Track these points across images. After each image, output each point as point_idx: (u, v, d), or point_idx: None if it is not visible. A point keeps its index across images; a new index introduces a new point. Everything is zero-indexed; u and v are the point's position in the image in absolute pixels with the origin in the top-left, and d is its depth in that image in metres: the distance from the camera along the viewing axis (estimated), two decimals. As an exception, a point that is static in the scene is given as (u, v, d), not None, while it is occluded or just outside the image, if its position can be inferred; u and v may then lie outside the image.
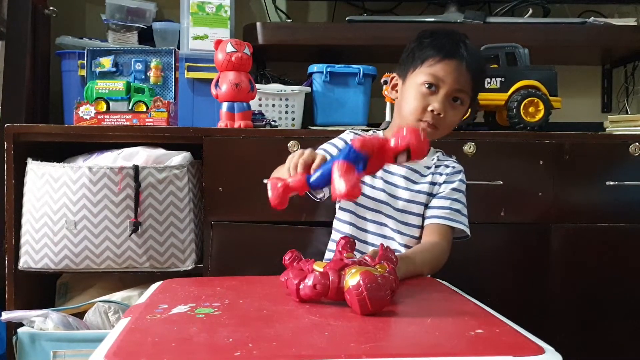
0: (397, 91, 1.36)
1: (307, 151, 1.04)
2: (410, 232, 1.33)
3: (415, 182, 1.35)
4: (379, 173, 1.34)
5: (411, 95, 1.29)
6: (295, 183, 0.98)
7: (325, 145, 1.36)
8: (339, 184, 0.89)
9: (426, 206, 1.34)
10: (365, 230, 1.34)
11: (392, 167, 1.34)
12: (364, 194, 1.34)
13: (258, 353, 0.72)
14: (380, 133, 1.42)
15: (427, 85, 1.27)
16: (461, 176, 1.36)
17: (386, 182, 1.35)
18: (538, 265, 1.65)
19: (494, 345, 0.76)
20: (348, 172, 0.90)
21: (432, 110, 1.26)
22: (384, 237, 1.32)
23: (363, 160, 0.92)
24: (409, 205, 1.33)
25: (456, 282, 1.15)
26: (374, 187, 1.34)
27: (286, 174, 1.04)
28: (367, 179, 1.34)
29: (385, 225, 1.33)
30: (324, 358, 0.71)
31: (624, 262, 1.67)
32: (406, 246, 1.32)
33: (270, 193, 0.98)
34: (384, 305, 0.89)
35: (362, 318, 0.86)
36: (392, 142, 0.91)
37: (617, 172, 1.66)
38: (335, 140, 1.37)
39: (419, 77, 1.28)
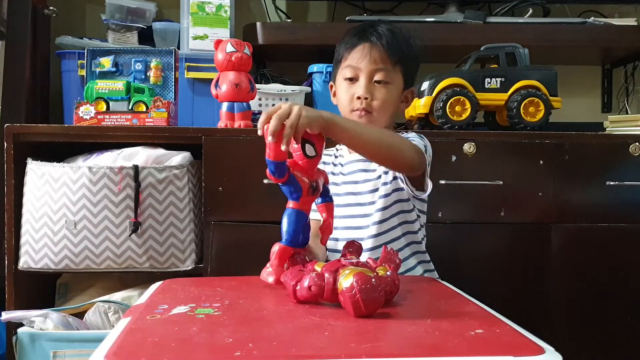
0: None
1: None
2: (376, 218, 1.31)
3: (374, 170, 1.34)
4: (340, 178, 1.36)
5: (340, 91, 1.35)
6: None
7: None
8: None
9: (388, 183, 1.32)
10: (337, 240, 1.32)
11: (348, 166, 1.36)
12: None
13: (258, 353, 0.72)
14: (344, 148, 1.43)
15: (348, 78, 1.32)
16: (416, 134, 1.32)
17: (347, 183, 1.35)
18: (538, 265, 1.65)
19: (494, 345, 0.76)
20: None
21: (358, 97, 1.30)
22: (361, 239, 1.30)
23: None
24: (373, 195, 1.32)
25: (456, 282, 1.15)
26: (337, 195, 1.33)
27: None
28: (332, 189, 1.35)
29: (360, 227, 1.32)
30: (324, 358, 0.71)
31: (624, 262, 1.67)
32: (386, 231, 1.31)
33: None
34: (378, 307, 0.87)
35: (362, 318, 0.86)
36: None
37: (617, 172, 1.66)
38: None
39: (341, 74, 1.35)
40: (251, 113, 1.70)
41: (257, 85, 1.79)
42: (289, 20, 2.24)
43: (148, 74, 1.83)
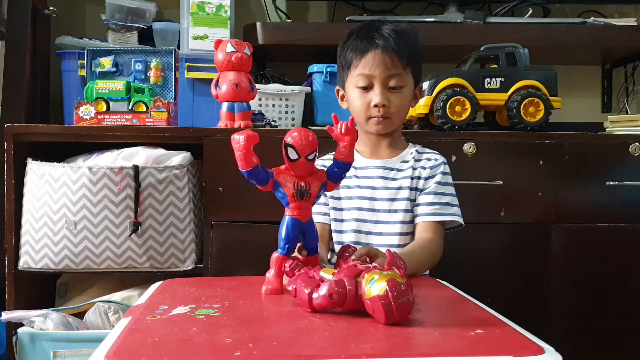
0: (345, 101, 1.40)
1: None
2: (394, 230, 1.32)
3: (393, 179, 1.35)
4: (354, 181, 1.36)
5: (353, 99, 1.34)
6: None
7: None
8: None
9: (412, 201, 1.33)
10: (342, 244, 1.33)
11: (366, 171, 1.36)
12: (339, 209, 1.36)
13: (258, 353, 0.72)
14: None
15: (361, 86, 1.32)
16: (443, 168, 1.35)
17: (363, 187, 1.35)
18: (538, 265, 1.65)
19: (494, 345, 0.76)
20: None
21: (375, 105, 1.31)
22: (368, 243, 1.32)
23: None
24: (391, 203, 1.33)
25: (456, 282, 1.15)
26: (349, 198, 1.35)
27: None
28: (344, 192, 1.36)
29: (370, 233, 1.33)
30: (324, 358, 0.71)
31: (624, 262, 1.67)
32: (399, 246, 1.31)
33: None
34: (409, 313, 0.84)
35: (362, 318, 0.86)
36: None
37: (617, 172, 1.66)
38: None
39: (352, 81, 1.34)
40: (251, 113, 1.70)
41: (257, 85, 1.78)
42: (289, 20, 2.24)
43: (148, 74, 1.82)
